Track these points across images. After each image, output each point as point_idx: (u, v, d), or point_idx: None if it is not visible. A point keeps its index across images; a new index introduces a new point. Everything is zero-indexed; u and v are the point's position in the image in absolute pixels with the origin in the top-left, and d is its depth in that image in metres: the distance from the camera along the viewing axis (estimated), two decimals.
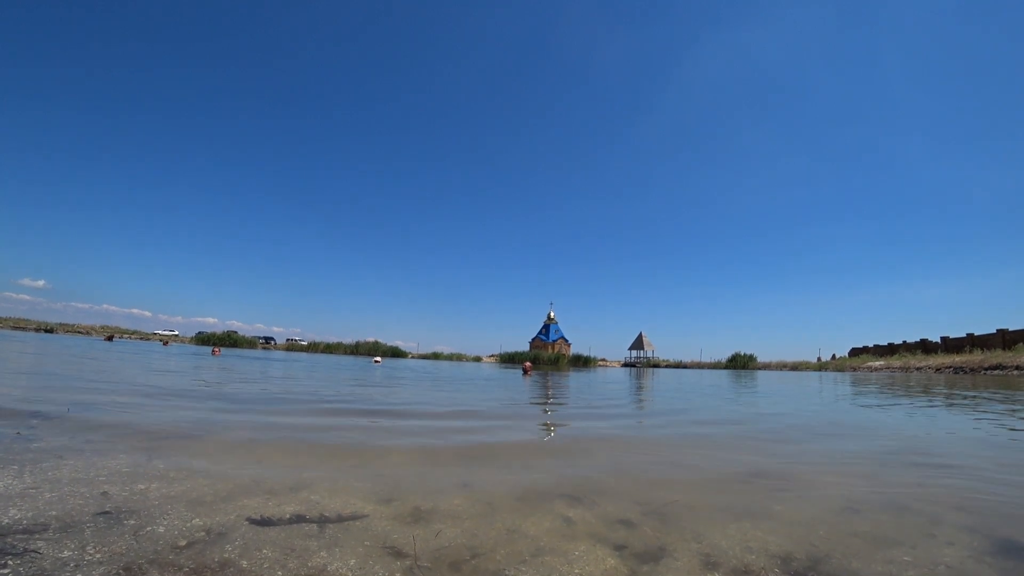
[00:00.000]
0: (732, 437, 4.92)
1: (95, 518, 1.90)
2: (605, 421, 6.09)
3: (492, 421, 5.66)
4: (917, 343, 43.35)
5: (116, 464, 2.68)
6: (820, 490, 2.82)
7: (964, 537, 2.08)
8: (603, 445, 4.25)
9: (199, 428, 3.97)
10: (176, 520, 1.93)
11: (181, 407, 5.28)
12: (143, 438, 3.44)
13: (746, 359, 59.34)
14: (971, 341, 35.90)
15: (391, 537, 1.88)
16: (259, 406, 5.77)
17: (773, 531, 2.10)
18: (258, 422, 4.47)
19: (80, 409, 4.46)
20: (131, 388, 6.92)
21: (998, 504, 2.59)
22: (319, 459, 3.16)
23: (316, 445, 3.60)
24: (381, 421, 5.10)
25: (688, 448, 4.19)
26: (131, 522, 1.88)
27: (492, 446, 4.00)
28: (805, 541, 2.00)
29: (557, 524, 2.11)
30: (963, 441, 4.80)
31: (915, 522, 2.27)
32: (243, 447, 3.40)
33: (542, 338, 76.33)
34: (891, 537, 2.08)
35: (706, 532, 2.07)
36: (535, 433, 4.90)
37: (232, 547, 1.72)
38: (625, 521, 2.18)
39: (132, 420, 4.17)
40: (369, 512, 2.15)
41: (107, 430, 3.63)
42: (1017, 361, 25.83)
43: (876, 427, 6.01)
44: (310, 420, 4.80)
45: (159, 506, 2.07)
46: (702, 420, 6.41)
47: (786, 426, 5.91)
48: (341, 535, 1.88)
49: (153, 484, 2.37)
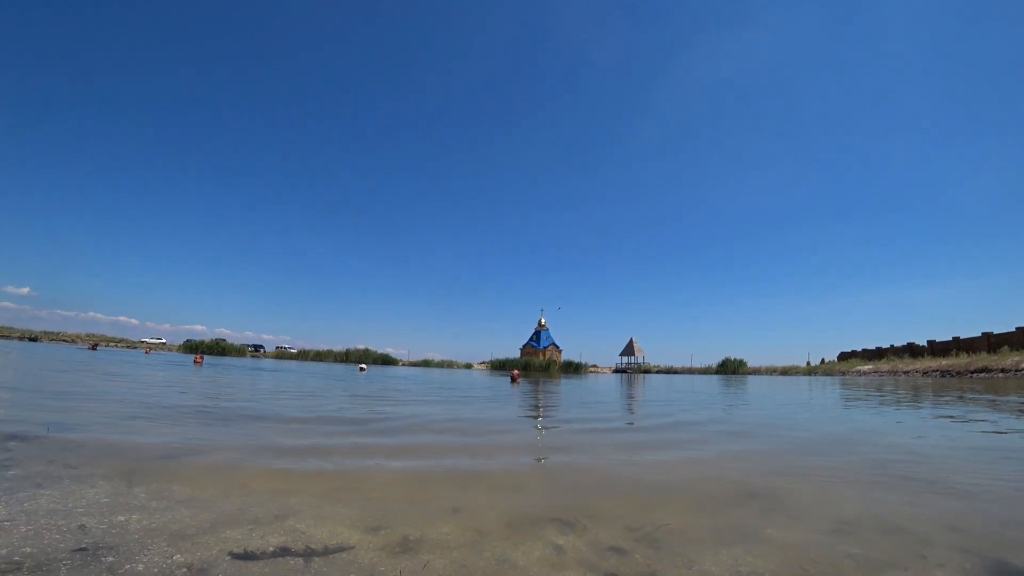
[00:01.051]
0: (723, 454, 4.91)
1: (72, 555, 1.84)
2: (596, 435, 6.06)
3: (482, 437, 5.62)
4: (904, 347, 43.83)
5: (95, 493, 2.61)
6: (812, 510, 2.81)
7: (956, 558, 2.08)
8: (594, 464, 4.23)
9: (182, 450, 3.89)
10: (156, 556, 1.87)
11: (164, 425, 5.19)
12: (124, 461, 3.36)
13: (736, 364, 59.65)
14: (957, 345, 36.36)
15: (378, 570, 1.84)
16: (243, 424, 5.68)
17: (764, 555, 2.09)
18: (243, 443, 4.40)
19: (60, 429, 4.36)
20: (112, 404, 6.79)
21: (990, 523, 2.59)
22: (305, 483, 3.10)
23: (303, 468, 3.54)
24: (369, 439, 5.04)
25: (680, 467, 4.18)
26: (109, 559, 1.82)
27: (483, 467, 3.96)
28: (796, 565, 1.98)
29: (548, 553, 2.08)
30: (954, 452, 4.83)
31: (906, 543, 2.27)
32: (227, 471, 3.34)
33: (533, 345, 76.36)
34: (882, 559, 2.07)
35: (697, 558, 2.05)
36: (526, 452, 4.86)
37: None
38: (616, 548, 2.15)
39: (113, 441, 4.08)
40: (356, 542, 2.11)
41: (87, 452, 3.54)
42: (1002, 364, 26.18)
43: (867, 438, 6.03)
44: (296, 441, 4.72)
45: (139, 540, 2.01)
46: (692, 438, 6.41)
47: (778, 440, 5.93)
48: (327, 569, 1.83)
49: (133, 516, 2.30)
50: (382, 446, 4.61)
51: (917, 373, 31.94)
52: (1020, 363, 25.01)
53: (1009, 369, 25.12)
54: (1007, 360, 26.52)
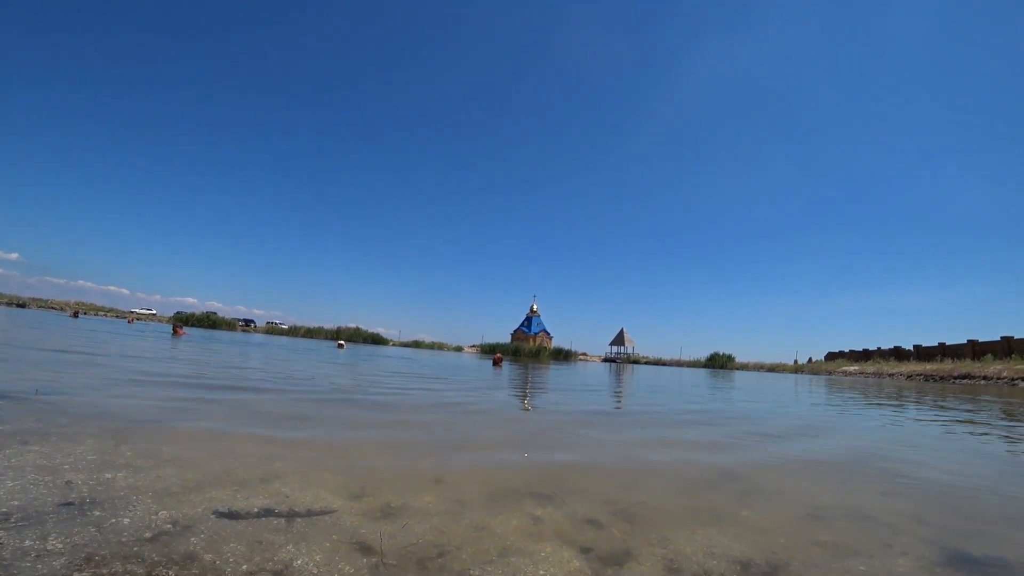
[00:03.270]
0: (705, 440, 4.99)
1: (58, 508, 1.87)
2: (581, 418, 6.13)
3: (469, 416, 5.67)
4: (891, 350, 44.31)
5: (82, 451, 2.64)
6: (787, 496, 2.89)
7: (919, 548, 2.15)
8: (577, 444, 4.29)
9: (169, 414, 3.92)
10: (142, 511, 1.90)
11: (152, 391, 5.20)
12: (112, 423, 3.39)
13: (724, 359, 60.15)
14: (942, 350, 36.80)
15: (359, 533, 1.89)
16: (231, 393, 5.70)
17: (737, 537, 2.15)
18: (229, 411, 4.43)
19: (49, 391, 4.37)
20: (102, 371, 6.79)
21: (955, 515, 2.68)
22: (291, 449, 3.15)
23: (289, 435, 3.58)
24: (355, 411, 5.08)
25: (662, 449, 4.25)
26: (95, 513, 1.85)
27: (468, 441, 4.02)
28: (767, 548, 2.04)
29: (525, 523, 2.13)
30: (929, 450, 4.94)
31: (874, 532, 2.34)
32: (215, 435, 3.37)
33: (524, 330, 76.44)
34: (850, 546, 2.13)
35: (672, 536, 2.11)
36: (510, 430, 4.92)
37: (198, 540, 1.71)
38: (593, 522, 2.21)
39: (101, 404, 4.10)
40: (339, 507, 2.15)
41: (75, 414, 3.56)
42: (985, 371, 26.57)
43: (847, 434, 6.15)
44: (284, 408, 4.76)
45: (125, 497, 2.04)
46: (678, 421, 6.49)
47: (758, 431, 6.02)
48: (309, 530, 1.88)
49: (120, 473, 2.33)
50: (371, 419, 4.65)
51: (902, 376, 32.36)
52: (1002, 372, 25.38)
53: (991, 377, 25.50)
54: (990, 368, 26.91)
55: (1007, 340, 31.26)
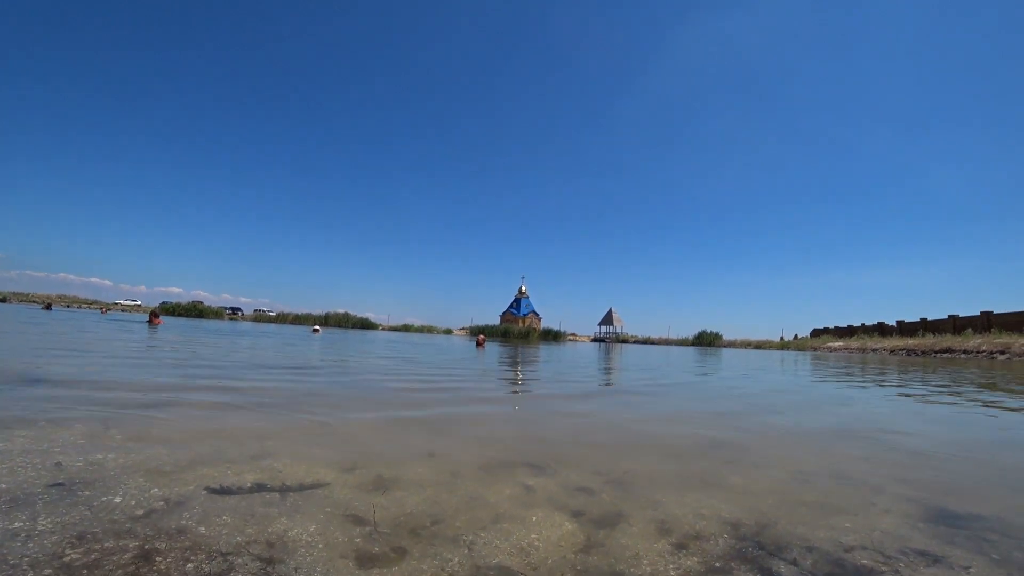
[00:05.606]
0: (695, 411, 5.07)
1: (48, 489, 1.85)
2: (571, 393, 6.19)
3: (460, 393, 5.69)
4: (874, 326, 45.13)
5: (71, 435, 2.61)
6: (774, 462, 2.95)
7: (901, 506, 2.21)
8: (568, 416, 4.33)
9: (158, 399, 3.89)
10: (133, 490, 1.90)
11: (138, 376, 5.16)
12: (100, 407, 3.36)
13: (712, 337, 60.97)
14: (924, 326, 37.57)
15: (352, 504, 1.90)
16: (220, 376, 5.67)
17: (726, 500, 2.19)
18: (217, 398, 4.40)
19: (34, 375, 4.32)
20: (86, 355, 6.71)
21: (936, 476, 2.76)
22: (283, 428, 3.14)
23: (280, 414, 3.57)
24: (346, 389, 5.08)
25: (652, 422, 4.31)
26: (86, 493, 1.84)
27: (459, 415, 4.04)
28: (755, 509, 2.09)
29: (518, 491, 2.16)
30: (910, 418, 5.07)
31: (858, 492, 2.40)
32: (205, 416, 3.35)
33: (513, 312, 76.63)
34: (835, 505, 2.19)
35: (663, 500, 2.15)
36: (502, 405, 4.95)
37: (191, 515, 1.71)
38: (585, 489, 2.24)
39: (88, 390, 4.05)
40: (332, 480, 2.16)
41: (62, 399, 3.52)
42: (965, 346, 27.20)
43: (832, 403, 6.28)
44: (274, 384, 4.74)
45: (116, 476, 2.03)
46: (667, 395, 6.57)
47: (747, 403, 6.12)
48: (302, 503, 1.88)
49: (110, 455, 2.32)
50: (362, 397, 4.65)
51: (885, 351, 33.01)
52: (981, 345, 26.00)
53: (971, 351, 26.12)
54: (970, 342, 27.56)
55: (986, 315, 31.98)
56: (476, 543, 1.64)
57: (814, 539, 1.79)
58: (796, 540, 1.77)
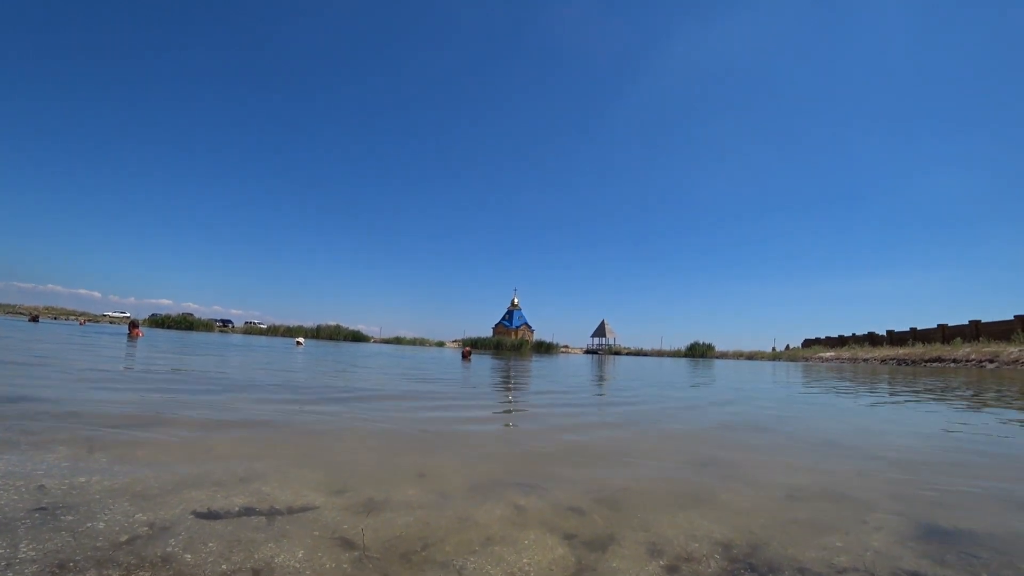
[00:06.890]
0: (687, 427, 5.07)
1: (30, 514, 1.82)
2: (562, 409, 6.17)
3: (451, 412, 5.66)
4: (865, 335, 45.49)
5: (54, 457, 2.57)
6: (765, 479, 2.95)
7: (893, 523, 2.22)
8: (558, 432, 4.32)
9: (143, 418, 3.84)
10: (118, 515, 1.86)
11: (121, 394, 5.09)
12: (84, 427, 3.30)
13: (704, 348, 61.24)
14: (914, 335, 37.92)
15: (341, 528, 1.88)
16: (209, 394, 5.61)
17: (718, 519, 2.19)
18: (206, 415, 4.35)
19: (15, 395, 4.25)
20: (67, 374, 6.62)
21: (927, 492, 2.76)
22: (272, 448, 3.11)
23: (269, 435, 3.54)
24: (337, 408, 5.04)
25: (643, 438, 4.30)
26: (69, 518, 1.81)
27: (450, 433, 4.02)
28: (746, 529, 2.09)
29: (509, 512, 2.15)
30: (901, 431, 5.10)
31: (850, 509, 2.41)
32: (193, 437, 3.31)
33: (505, 324, 76.58)
34: (827, 523, 2.19)
35: (654, 520, 2.14)
36: (492, 424, 4.93)
37: (176, 541, 1.68)
38: (576, 509, 2.23)
39: (73, 408, 3.99)
40: (320, 503, 2.13)
41: (46, 419, 3.47)
42: (954, 355, 27.45)
43: (822, 417, 6.30)
44: (263, 407, 4.69)
45: (100, 500, 2.00)
46: (660, 409, 6.57)
47: (740, 420, 6.13)
48: (290, 527, 1.86)
49: (94, 477, 2.28)
50: (352, 414, 4.61)
51: (875, 361, 33.23)
52: (970, 354, 26.25)
53: (960, 360, 26.36)
54: (959, 351, 27.83)
55: (975, 324, 32.36)
56: (466, 568, 1.62)
57: (805, 560, 1.79)
58: (788, 561, 1.77)
